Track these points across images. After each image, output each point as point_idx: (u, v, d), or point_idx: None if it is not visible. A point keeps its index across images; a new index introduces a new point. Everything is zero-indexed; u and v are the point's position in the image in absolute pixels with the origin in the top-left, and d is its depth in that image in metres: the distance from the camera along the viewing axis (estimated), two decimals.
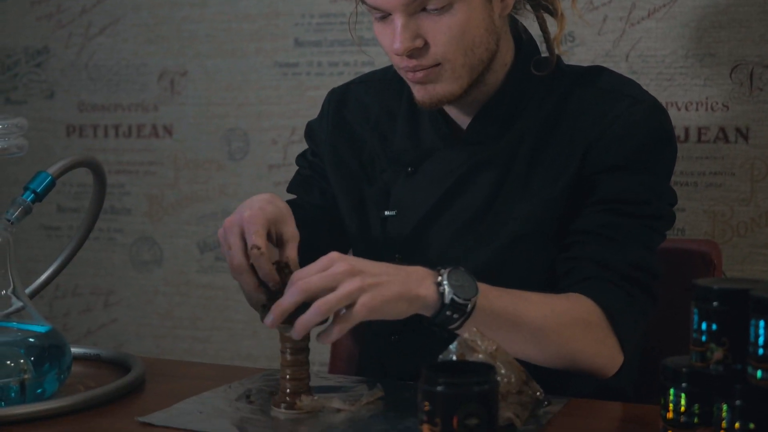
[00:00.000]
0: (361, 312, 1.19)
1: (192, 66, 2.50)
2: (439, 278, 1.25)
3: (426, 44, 1.41)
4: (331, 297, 1.19)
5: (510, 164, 1.48)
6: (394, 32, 1.41)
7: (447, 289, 1.24)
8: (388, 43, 1.43)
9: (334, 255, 1.22)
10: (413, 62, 1.42)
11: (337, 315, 1.20)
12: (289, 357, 1.28)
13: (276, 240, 1.32)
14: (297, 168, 1.68)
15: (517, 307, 1.31)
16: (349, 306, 1.19)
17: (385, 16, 1.42)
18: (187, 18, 2.49)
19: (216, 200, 2.51)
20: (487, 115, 1.50)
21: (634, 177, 1.43)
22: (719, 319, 1.03)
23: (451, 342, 1.21)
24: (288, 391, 1.28)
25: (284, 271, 1.28)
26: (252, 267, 1.27)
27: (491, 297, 1.28)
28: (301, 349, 1.28)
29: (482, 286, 1.27)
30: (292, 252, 1.31)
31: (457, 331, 1.26)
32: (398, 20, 1.40)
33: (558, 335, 1.33)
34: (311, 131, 1.66)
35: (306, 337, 1.26)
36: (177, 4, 2.50)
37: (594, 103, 1.47)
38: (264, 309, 1.25)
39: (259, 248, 1.25)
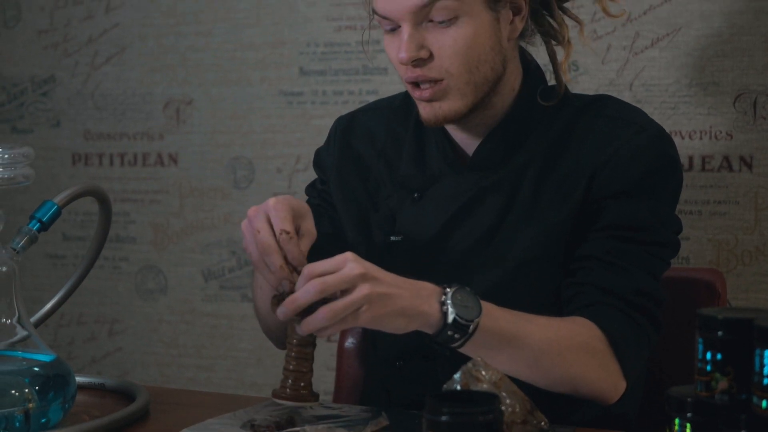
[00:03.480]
0: (363, 320, 1.22)
1: (197, 95, 2.51)
2: (443, 297, 1.25)
3: (431, 56, 1.43)
4: (339, 304, 1.20)
5: (516, 190, 1.48)
6: (400, 42, 1.43)
7: (450, 308, 1.24)
8: (394, 54, 1.45)
9: (349, 255, 1.23)
10: (417, 72, 1.43)
11: None
12: (295, 348, 1.28)
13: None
14: (306, 198, 1.68)
15: (519, 329, 1.31)
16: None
17: (394, 28, 1.44)
18: (193, 47, 2.51)
19: (221, 228, 2.51)
20: (494, 140, 1.51)
21: (640, 203, 1.44)
22: (724, 348, 1.03)
23: (455, 369, 1.21)
24: (290, 382, 1.27)
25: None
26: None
27: (495, 317, 1.28)
28: (308, 343, 1.28)
29: (486, 306, 1.27)
30: (303, 247, 1.31)
31: (460, 350, 1.26)
32: (405, 30, 1.42)
33: (560, 359, 1.33)
34: (319, 158, 1.67)
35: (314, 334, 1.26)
36: (182, 34, 2.51)
37: (600, 129, 1.48)
38: (275, 299, 1.25)
39: (288, 232, 1.26)
